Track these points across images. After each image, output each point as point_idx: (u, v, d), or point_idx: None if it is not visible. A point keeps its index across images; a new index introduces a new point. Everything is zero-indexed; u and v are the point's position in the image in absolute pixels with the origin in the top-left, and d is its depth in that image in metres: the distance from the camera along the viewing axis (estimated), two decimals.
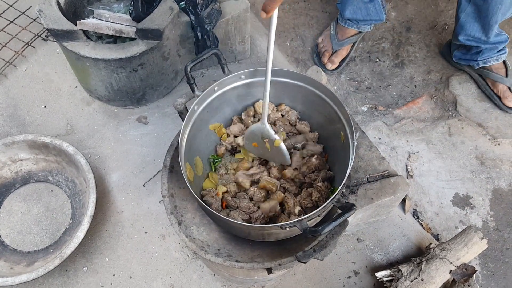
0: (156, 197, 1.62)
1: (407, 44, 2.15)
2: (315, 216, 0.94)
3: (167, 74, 1.75)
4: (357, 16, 1.90)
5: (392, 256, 1.57)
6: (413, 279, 1.38)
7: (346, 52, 2.05)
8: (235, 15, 1.71)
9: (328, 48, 2.04)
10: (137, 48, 1.54)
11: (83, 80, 1.77)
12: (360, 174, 1.38)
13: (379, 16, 1.89)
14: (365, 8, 1.86)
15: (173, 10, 1.56)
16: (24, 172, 1.61)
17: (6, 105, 1.81)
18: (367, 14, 1.88)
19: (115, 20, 1.60)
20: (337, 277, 1.53)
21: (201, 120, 1.16)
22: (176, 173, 1.18)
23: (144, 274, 1.51)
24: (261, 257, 1.08)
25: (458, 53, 1.97)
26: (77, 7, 1.70)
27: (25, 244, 1.53)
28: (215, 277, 1.50)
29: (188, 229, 1.12)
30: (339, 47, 2.01)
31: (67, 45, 1.53)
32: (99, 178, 1.66)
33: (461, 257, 1.40)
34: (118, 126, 1.78)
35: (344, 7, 1.90)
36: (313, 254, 0.94)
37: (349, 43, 2.02)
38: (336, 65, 2.04)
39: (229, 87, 1.17)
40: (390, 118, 1.95)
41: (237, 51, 1.90)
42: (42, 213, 1.58)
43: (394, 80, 2.07)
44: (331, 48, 2.03)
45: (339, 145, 1.15)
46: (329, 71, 2.04)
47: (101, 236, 1.56)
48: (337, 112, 1.10)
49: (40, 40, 1.96)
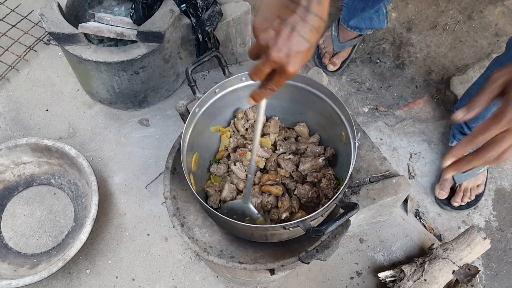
0: (158, 199, 1.63)
1: (407, 45, 2.15)
2: (318, 216, 0.94)
3: (168, 77, 1.75)
4: (360, 25, 1.91)
5: (394, 257, 1.57)
6: (416, 279, 1.37)
7: (347, 53, 2.05)
8: (236, 17, 1.72)
9: (329, 49, 2.04)
10: (138, 51, 1.55)
11: (85, 83, 1.78)
12: (362, 175, 1.38)
13: (381, 24, 1.89)
14: (369, 19, 1.87)
15: (174, 12, 1.57)
16: (27, 175, 1.61)
17: (8, 108, 1.81)
18: (370, 23, 1.89)
19: (116, 23, 1.60)
20: (340, 277, 1.53)
21: (202, 122, 1.16)
22: (178, 174, 1.18)
23: (147, 276, 1.51)
24: (264, 258, 1.08)
25: None
26: (78, 10, 1.71)
27: (28, 247, 1.53)
28: (218, 279, 1.50)
29: (190, 230, 1.12)
30: (340, 49, 2.01)
31: (68, 48, 1.54)
32: (101, 180, 1.66)
33: (464, 257, 1.40)
34: (120, 128, 1.78)
35: (349, 16, 1.90)
36: (316, 254, 0.95)
37: (350, 45, 2.02)
38: (337, 67, 2.03)
39: (230, 89, 1.17)
40: (391, 119, 1.95)
41: (238, 53, 1.90)
42: (45, 216, 1.59)
43: (395, 81, 2.07)
44: (332, 50, 2.03)
45: (341, 146, 1.15)
46: (330, 72, 2.03)
47: (104, 239, 1.56)
48: (339, 113, 1.11)
49: (42, 44, 1.96)
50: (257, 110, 0.87)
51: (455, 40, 2.16)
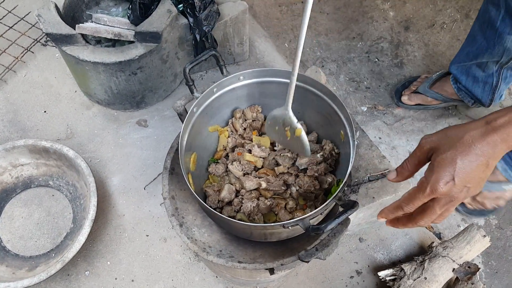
0: (157, 199, 1.62)
1: (406, 44, 2.15)
2: (317, 215, 0.94)
3: (166, 77, 1.75)
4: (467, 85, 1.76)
5: (394, 255, 1.57)
6: (416, 277, 1.37)
7: (429, 102, 1.92)
8: (233, 17, 1.71)
9: (417, 87, 1.92)
10: (136, 51, 1.54)
11: (83, 84, 1.77)
12: (361, 173, 1.38)
13: (483, 98, 1.73)
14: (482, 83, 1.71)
15: (171, 12, 1.57)
16: (25, 177, 1.61)
17: (6, 110, 1.81)
18: (473, 88, 1.74)
19: (114, 23, 1.60)
20: (340, 277, 1.52)
21: (200, 122, 1.15)
22: (177, 175, 1.17)
23: (146, 277, 1.50)
24: (263, 257, 1.08)
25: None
26: (75, 11, 1.70)
27: (26, 249, 1.53)
28: (217, 279, 1.50)
29: (189, 231, 1.12)
30: (426, 93, 1.89)
31: (66, 49, 1.53)
32: (100, 181, 1.66)
33: (464, 255, 1.40)
34: (118, 129, 1.78)
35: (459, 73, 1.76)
36: (315, 253, 0.94)
37: (440, 98, 1.89)
38: (411, 103, 1.92)
39: (228, 89, 1.17)
40: (390, 118, 1.95)
41: (235, 53, 1.90)
42: (43, 218, 1.58)
43: (394, 79, 2.07)
44: (417, 88, 1.93)
45: (339, 145, 1.15)
46: (400, 102, 1.95)
47: (103, 240, 1.55)
48: (337, 111, 1.10)
49: (39, 45, 1.96)
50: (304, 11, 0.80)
51: (453, 39, 2.16)
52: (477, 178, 0.68)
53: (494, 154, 0.67)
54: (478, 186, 0.70)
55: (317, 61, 2.11)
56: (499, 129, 0.67)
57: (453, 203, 0.70)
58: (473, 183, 0.68)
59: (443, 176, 0.68)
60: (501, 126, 0.67)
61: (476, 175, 0.68)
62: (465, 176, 0.67)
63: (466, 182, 0.68)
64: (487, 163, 0.67)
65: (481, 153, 0.67)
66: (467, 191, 0.69)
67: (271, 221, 1.12)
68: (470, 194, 0.70)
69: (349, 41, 2.17)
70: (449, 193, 0.68)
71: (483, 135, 0.67)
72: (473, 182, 0.68)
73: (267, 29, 2.17)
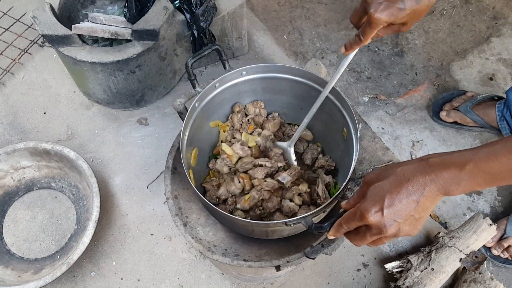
0: (160, 198, 1.61)
1: (406, 32, 2.13)
2: (320, 213, 0.93)
3: (165, 74, 1.74)
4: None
5: (400, 247, 1.56)
6: (423, 269, 1.36)
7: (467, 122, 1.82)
8: (230, 11, 1.69)
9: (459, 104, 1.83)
10: (133, 50, 1.53)
11: (81, 84, 1.76)
12: (365, 166, 1.37)
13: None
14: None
15: (168, 9, 1.55)
16: (27, 180, 1.60)
17: (5, 113, 1.80)
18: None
19: (110, 22, 1.58)
20: (346, 270, 1.52)
21: (202, 117, 1.14)
22: (179, 174, 1.16)
23: (152, 276, 1.50)
24: (269, 254, 1.07)
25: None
26: (71, 11, 1.69)
27: (31, 252, 1.53)
28: (223, 276, 1.50)
29: (194, 230, 1.11)
30: (467, 113, 1.78)
31: (63, 50, 1.52)
32: (102, 182, 1.65)
33: (470, 245, 1.39)
34: (118, 128, 1.77)
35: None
36: (321, 249, 0.93)
37: (479, 122, 1.79)
38: (449, 120, 1.83)
39: (230, 84, 1.15)
40: (392, 107, 1.93)
41: (234, 47, 1.88)
42: (47, 220, 1.58)
43: (395, 68, 2.04)
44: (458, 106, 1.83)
45: (342, 140, 1.13)
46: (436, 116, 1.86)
47: (107, 240, 1.55)
48: (340, 108, 1.09)
49: (36, 47, 1.94)
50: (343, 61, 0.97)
51: (453, 25, 2.13)
52: (407, 215, 0.68)
53: (423, 193, 0.67)
54: (411, 226, 0.69)
55: (317, 52, 2.09)
56: (430, 168, 0.67)
57: (384, 236, 0.70)
58: (402, 219, 0.68)
59: (373, 205, 0.68)
60: (432, 166, 0.67)
61: (405, 211, 0.67)
62: (394, 209, 0.67)
63: (395, 216, 0.67)
64: (417, 200, 0.67)
65: (411, 190, 0.67)
66: (397, 227, 0.68)
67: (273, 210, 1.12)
68: (403, 233, 0.69)
69: (348, 31, 2.14)
70: (378, 224, 0.68)
71: (413, 173, 0.68)
72: (402, 217, 0.68)
73: (265, 22, 2.15)
